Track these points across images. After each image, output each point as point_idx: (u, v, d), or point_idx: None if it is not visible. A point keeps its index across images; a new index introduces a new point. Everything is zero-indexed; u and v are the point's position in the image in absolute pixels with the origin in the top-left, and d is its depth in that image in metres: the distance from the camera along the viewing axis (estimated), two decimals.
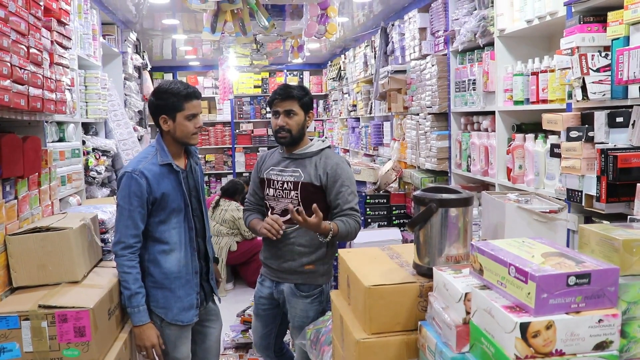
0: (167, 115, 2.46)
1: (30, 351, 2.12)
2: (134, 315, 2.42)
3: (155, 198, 2.42)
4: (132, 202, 2.39)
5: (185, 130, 2.47)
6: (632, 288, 1.21)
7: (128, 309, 2.42)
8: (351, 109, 7.74)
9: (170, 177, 2.47)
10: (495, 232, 1.97)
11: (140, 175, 2.39)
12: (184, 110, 2.44)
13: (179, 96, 2.43)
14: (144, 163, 2.44)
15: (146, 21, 6.08)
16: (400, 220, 4.48)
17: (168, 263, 2.48)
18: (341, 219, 2.61)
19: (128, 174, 2.40)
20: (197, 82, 10.17)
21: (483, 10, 3.50)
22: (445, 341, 1.38)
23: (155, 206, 2.44)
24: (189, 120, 2.46)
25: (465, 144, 3.93)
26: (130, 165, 2.45)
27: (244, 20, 3.75)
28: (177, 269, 2.50)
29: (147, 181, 2.39)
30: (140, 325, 2.42)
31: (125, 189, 2.39)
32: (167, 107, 2.45)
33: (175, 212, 2.48)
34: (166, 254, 2.48)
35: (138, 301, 2.41)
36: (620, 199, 2.20)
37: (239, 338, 4.19)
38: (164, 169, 2.46)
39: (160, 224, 2.47)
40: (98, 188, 4.26)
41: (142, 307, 2.42)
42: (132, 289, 2.40)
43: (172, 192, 2.46)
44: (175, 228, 2.49)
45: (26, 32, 2.31)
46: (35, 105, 2.41)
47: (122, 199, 2.40)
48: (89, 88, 4.20)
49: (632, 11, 2.04)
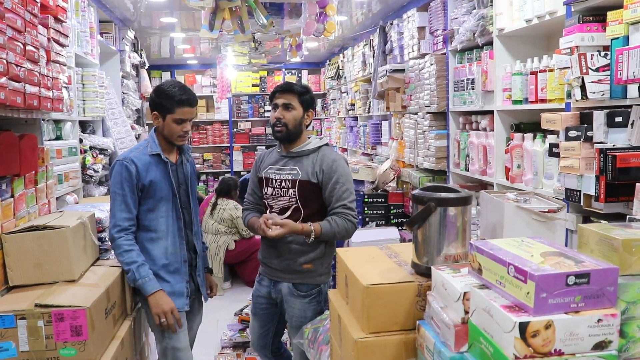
0: (159, 113, 2.59)
1: (27, 350, 2.10)
2: (145, 284, 2.49)
3: (144, 185, 2.54)
4: (124, 188, 2.51)
5: (171, 131, 2.59)
6: (631, 288, 1.21)
7: (138, 281, 2.48)
8: (349, 108, 7.74)
9: (159, 166, 2.59)
10: (493, 231, 1.97)
11: (130, 162, 2.52)
12: (173, 114, 2.56)
13: (172, 100, 2.55)
14: (135, 152, 2.59)
15: (144, 19, 6.06)
16: (398, 220, 4.48)
17: (156, 250, 2.58)
18: (329, 218, 2.61)
19: (119, 162, 2.54)
20: (195, 81, 10.16)
21: (482, 10, 3.49)
22: (443, 341, 1.37)
23: (144, 193, 2.55)
24: (177, 123, 2.57)
25: (463, 144, 3.92)
26: (122, 155, 2.60)
27: (242, 18, 3.74)
28: (164, 257, 2.59)
29: (137, 168, 2.52)
30: (154, 292, 2.49)
31: (117, 176, 2.52)
32: (160, 106, 2.57)
33: (163, 200, 2.59)
34: (154, 242, 2.58)
35: (146, 271, 2.50)
36: (619, 199, 2.19)
37: (237, 337, 4.18)
38: (153, 158, 2.58)
39: (148, 212, 2.58)
40: (95, 186, 4.24)
41: (151, 275, 2.51)
42: (138, 261, 2.49)
43: (159, 181, 2.57)
44: (164, 217, 2.59)
45: (22, 29, 2.30)
46: (31, 103, 2.40)
47: (115, 185, 2.53)
48: (86, 86, 4.19)
49: (632, 11, 2.03)
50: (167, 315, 2.50)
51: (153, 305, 2.50)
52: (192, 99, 2.58)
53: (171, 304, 2.52)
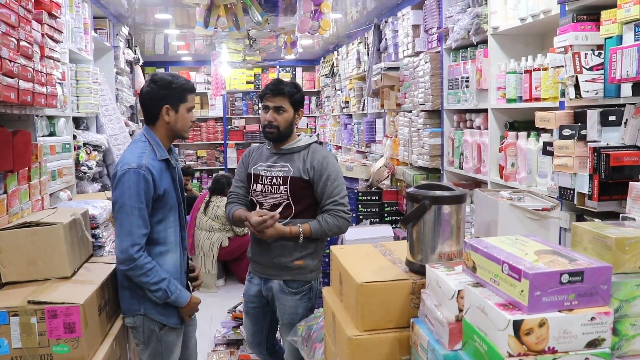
0: (171, 105, 2.39)
1: (19, 347, 2.10)
2: (180, 298, 2.37)
3: (159, 195, 2.33)
4: (141, 201, 2.25)
5: (185, 123, 2.44)
6: (624, 286, 1.22)
7: (172, 297, 2.34)
8: (344, 106, 7.73)
9: (167, 173, 2.40)
10: (488, 229, 1.97)
11: (147, 171, 2.27)
12: (187, 102, 2.42)
13: (182, 88, 2.40)
14: (146, 159, 2.31)
15: (138, 15, 6.03)
16: (392, 218, 4.49)
17: (166, 265, 2.39)
18: (319, 217, 2.63)
19: (134, 171, 2.25)
20: (189, 78, 10.09)
21: (477, 8, 3.50)
22: (437, 338, 1.38)
23: (156, 203, 2.34)
24: (189, 112, 2.45)
25: (457, 142, 3.93)
26: (132, 161, 2.28)
27: (238, 15, 3.74)
28: (174, 271, 2.42)
29: (153, 177, 2.29)
30: (188, 302, 2.42)
31: (133, 187, 2.24)
32: (171, 97, 2.39)
33: (172, 209, 2.41)
34: (164, 256, 2.40)
35: (174, 284, 2.36)
36: (612, 197, 2.20)
37: (230, 334, 4.18)
38: (162, 164, 2.38)
39: (158, 223, 2.36)
40: (89, 183, 4.22)
41: (178, 284, 2.39)
42: (166, 277, 2.33)
43: (170, 189, 2.40)
44: (172, 227, 2.42)
45: (16, 24, 2.28)
46: (25, 98, 2.39)
47: (131, 197, 2.24)
48: (80, 82, 4.17)
49: (625, 10, 2.04)
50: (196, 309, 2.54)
51: (188, 312, 2.48)
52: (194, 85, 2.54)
53: (197, 299, 2.51)
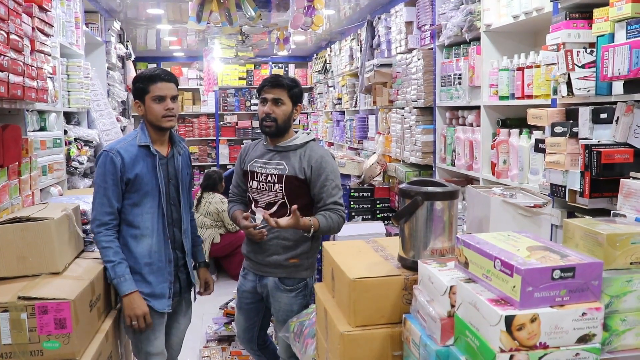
0: (139, 99, 2.52)
1: (9, 343, 2.07)
2: (121, 284, 2.43)
3: (129, 178, 2.45)
4: (106, 180, 2.43)
5: (154, 113, 2.48)
6: (615, 282, 1.23)
7: (114, 280, 2.43)
8: (336, 102, 7.73)
9: (146, 160, 2.49)
10: (480, 226, 1.98)
11: (116, 154, 2.44)
12: (149, 93, 2.48)
13: (143, 79, 2.49)
14: (122, 143, 2.50)
15: (130, 10, 6.00)
16: (384, 214, 4.49)
17: (139, 248, 2.50)
18: (323, 213, 2.60)
19: (105, 153, 2.45)
20: (181, 73, 10.08)
21: (470, 5, 3.50)
22: (429, 334, 1.38)
23: (129, 187, 2.47)
24: (156, 102, 2.48)
25: (450, 139, 3.94)
26: (110, 146, 2.50)
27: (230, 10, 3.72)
28: (147, 255, 2.50)
29: (122, 160, 2.43)
30: (129, 293, 2.43)
31: (101, 167, 2.44)
32: (137, 91, 2.51)
33: (149, 196, 2.49)
34: (138, 240, 2.50)
35: (122, 270, 2.43)
36: (604, 195, 2.22)
37: (222, 330, 4.17)
38: (141, 151, 2.49)
39: (133, 206, 2.49)
40: (80, 178, 4.20)
41: (127, 275, 2.44)
42: (115, 260, 2.43)
43: (145, 175, 2.48)
44: (149, 213, 2.50)
45: (6, 17, 2.26)
46: (15, 92, 2.36)
47: (98, 177, 2.45)
48: (71, 77, 4.14)
49: (617, 8, 2.05)
50: (139, 319, 2.44)
51: (126, 307, 2.44)
52: (165, 73, 2.51)
53: (144, 307, 2.45)
